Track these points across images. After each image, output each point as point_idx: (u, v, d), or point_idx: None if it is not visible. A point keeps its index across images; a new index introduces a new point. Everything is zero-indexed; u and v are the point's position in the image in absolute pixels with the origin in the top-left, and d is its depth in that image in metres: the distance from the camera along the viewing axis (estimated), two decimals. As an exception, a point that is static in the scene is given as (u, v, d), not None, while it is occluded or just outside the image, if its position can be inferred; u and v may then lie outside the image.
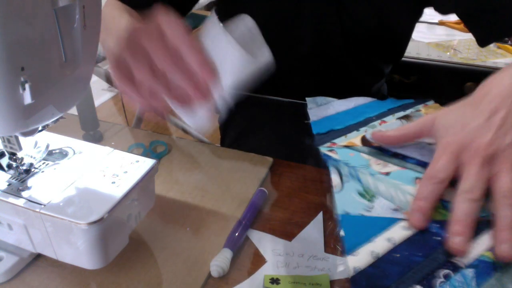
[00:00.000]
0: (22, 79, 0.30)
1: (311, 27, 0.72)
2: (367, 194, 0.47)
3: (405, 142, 0.50)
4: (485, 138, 0.40)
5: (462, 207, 0.38)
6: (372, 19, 0.70)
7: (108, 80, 1.17)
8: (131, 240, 0.43)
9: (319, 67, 0.77)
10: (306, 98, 0.68)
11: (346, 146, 0.56)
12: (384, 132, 0.50)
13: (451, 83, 1.03)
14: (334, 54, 0.75)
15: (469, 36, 1.12)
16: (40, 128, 0.39)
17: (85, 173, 0.42)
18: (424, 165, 0.51)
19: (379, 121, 0.62)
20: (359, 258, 0.39)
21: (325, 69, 0.77)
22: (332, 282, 0.40)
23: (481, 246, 0.39)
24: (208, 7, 2.78)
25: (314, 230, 0.46)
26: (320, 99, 0.68)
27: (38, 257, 0.43)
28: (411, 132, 0.49)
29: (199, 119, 0.42)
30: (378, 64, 0.82)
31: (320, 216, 0.48)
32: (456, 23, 1.22)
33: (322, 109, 0.65)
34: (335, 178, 0.50)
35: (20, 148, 0.40)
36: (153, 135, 0.66)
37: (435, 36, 1.16)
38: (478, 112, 0.42)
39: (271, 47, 0.81)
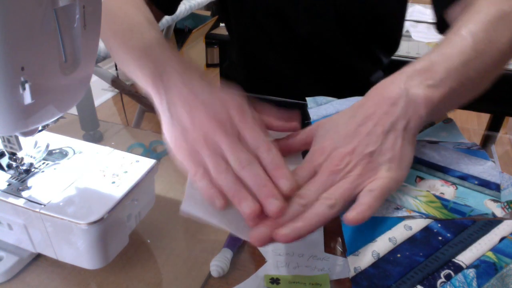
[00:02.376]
0: (22, 79, 0.30)
1: (307, 13, 0.73)
2: (368, 194, 0.47)
3: (292, 151, 0.46)
4: (347, 147, 0.39)
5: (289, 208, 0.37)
6: (365, 4, 0.71)
7: (107, 79, 1.17)
8: (131, 240, 0.43)
9: (316, 54, 0.78)
10: (306, 98, 0.68)
11: (347, 146, 0.56)
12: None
13: (451, 83, 1.03)
14: (330, 40, 0.77)
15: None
16: (40, 128, 0.39)
17: (85, 173, 0.42)
18: (425, 163, 0.51)
19: (379, 121, 0.62)
20: (360, 258, 0.39)
21: (322, 55, 0.79)
22: (332, 282, 0.40)
23: (482, 246, 0.39)
24: (208, 7, 2.78)
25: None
26: (320, 98, 0.68)
27: (38, 257, 0.43)
28: (296, 141, 0.45)
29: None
30: (374, 51, 0.82)
31: (320, 216, 0.48)
32: (456, 23, 1.22)
33: (322, 109, 0.65)
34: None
35: (20, 148, 0.40)
36: (153, 135, 0.66)
37: (435, 36, 1.16)
38: (352, 120, 0.41)
39: (268, 33, 0.81)
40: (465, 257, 0.38)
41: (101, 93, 2.45)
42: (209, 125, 0.40)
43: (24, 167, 0.41)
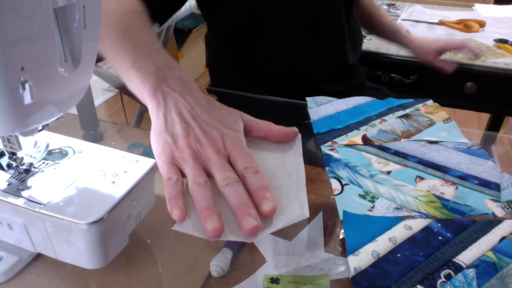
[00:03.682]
0: (22, 79, 0.30)
1: None
2: (368, 195, 0.47)
3: None
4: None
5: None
6: None
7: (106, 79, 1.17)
8: (131, 240, 0.43)
9: (321, 31, 0.84)
10: (306, 98, 0.68)
11: (347, 145, 0.56)
12: None
13: (451, 83, 1.03)
14: (335, 19, 0.84)
15: (469, 36, 1.12)
16: (40, 128, 0.39)
17: (85, 173, 0.41)
18: (425, 163, 0.51)
19: (379, 120, 0.62)
20: (360, 258, 0.39)
21: (326, 33, 0.85)
22: (332, 282, 0.40)
23: (482, 246, 0.39)
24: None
25: (314, 230, 0.46)
26: (320, 98, 0.68)
27: (38, 257, 0.43)
28: None
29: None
30: (359, 31, 0.98)
31: (320, 216, 0.48)
32: (456, 23, 1.22)
33: (322, 109, 0.65)
34: (334, 182, 0.50)
35: (20, 148, 0.40)
36: (153, 135, 0.66)
37: (435, 36, 1.16)
38: None
39: (283, 12, 0.87)
40: (465, 257, 0.38)
41: (101, 93, 2.45)
42: (202, 140, 0.41)
43: (24, 167, 0.41)
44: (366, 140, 0.57)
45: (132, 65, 0.48)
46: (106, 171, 0.42)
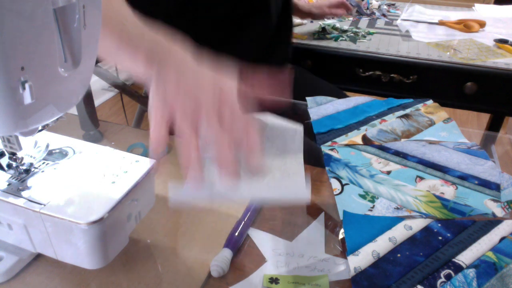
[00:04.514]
0: (22, 79, 0.30)
1: None
2: (368, 195, 0.47)
3: None
4: None
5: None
6: None
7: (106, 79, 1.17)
8: (131, 240, 0.43)
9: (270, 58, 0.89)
10: (307, 98, 0.69)
11: (347, 145, 0.56)
12: None
13: (451, 83, 1.03)
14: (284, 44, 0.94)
15: (469, 36, 1.12)
16: (40, 128, 0.39)
17: (85, 173, 0.41)
18: (425, 163, 0.51)
19: (379, 120, 0.62)
20: (360, 258, 0.39)
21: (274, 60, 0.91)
22: (331, 283, 0.39)
23: (482, 246, 0.39)
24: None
25: (315, 231, 0.46)
26: (320, 98, 0.68)
27: (38, 257, 0.43)
28: None
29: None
30: None
31: (321, 216, 0.48)
32: (456, 23, 1.22)
33: (322, 109, 0.65)
34: (334, 182, 0.50)
35: (20, 148, 0.40)
36: (153, 135, 0.66)
37: (435, 36, 1.16)
38: None
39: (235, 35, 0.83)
40: (465, 257, 0.38)
41: (101, 93, 2.45)
42: (195, 93, 0.40)
43: (24, 167, 0.41)
44: (366, 140, 0.57)
45: (121, 35, 0.45)
46: (106, 171, 0.42)
